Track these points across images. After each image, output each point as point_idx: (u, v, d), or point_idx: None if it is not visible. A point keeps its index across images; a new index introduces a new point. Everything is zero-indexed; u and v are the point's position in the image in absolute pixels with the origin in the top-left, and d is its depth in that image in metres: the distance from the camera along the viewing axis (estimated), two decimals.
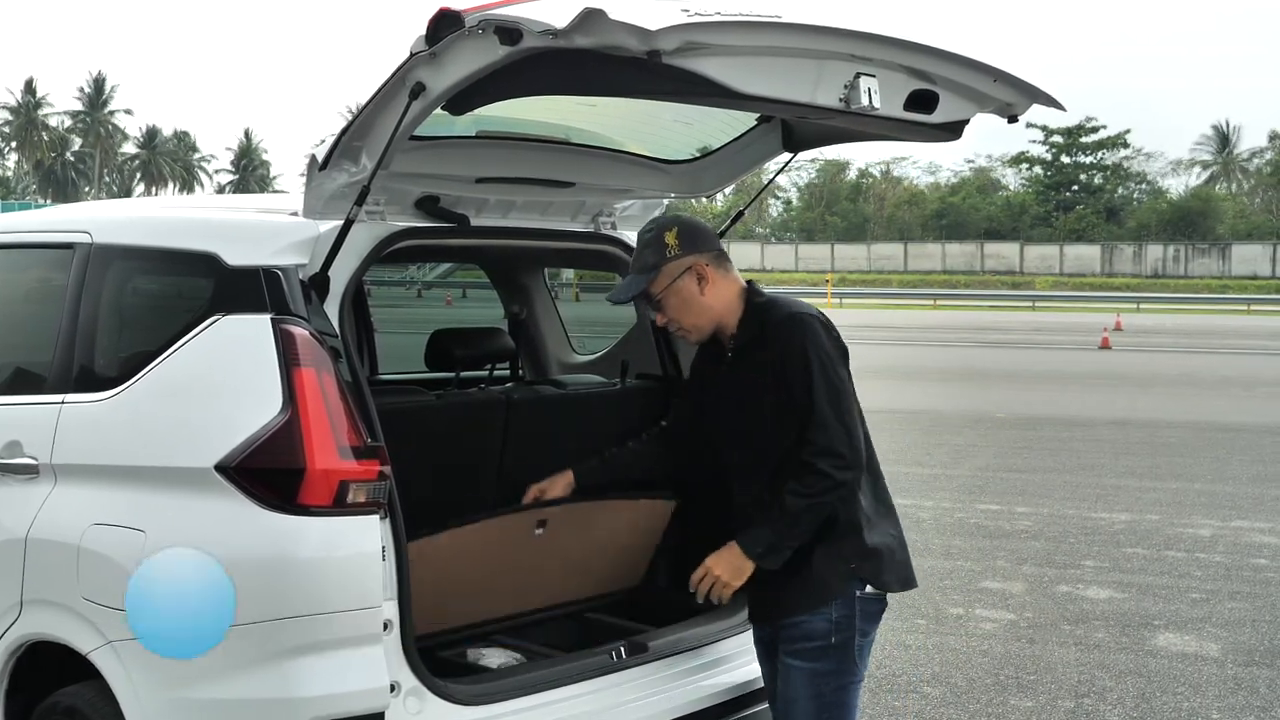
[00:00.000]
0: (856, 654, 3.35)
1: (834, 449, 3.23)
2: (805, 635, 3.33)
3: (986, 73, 3.31)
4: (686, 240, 3.38)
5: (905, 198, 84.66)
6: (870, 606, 3.36)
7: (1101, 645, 6.55)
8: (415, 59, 2.92)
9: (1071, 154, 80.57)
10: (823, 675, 3.33)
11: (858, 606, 3.32)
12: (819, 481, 3.23)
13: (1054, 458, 12.69)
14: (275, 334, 3.12)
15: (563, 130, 3.83)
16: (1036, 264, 69.29)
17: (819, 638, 3.32)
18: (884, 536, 3.38)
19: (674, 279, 3.38)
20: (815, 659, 3.33)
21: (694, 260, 3.38)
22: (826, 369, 3.27)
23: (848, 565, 3.31)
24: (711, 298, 3.39)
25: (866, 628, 3.36)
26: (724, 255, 3.45)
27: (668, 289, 3.39)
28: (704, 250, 3.39)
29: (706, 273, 3.38)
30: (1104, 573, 8.06)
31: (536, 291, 5.11)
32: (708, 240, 3.42)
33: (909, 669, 6.16)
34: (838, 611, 3.31)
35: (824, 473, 3.22)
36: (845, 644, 3.32)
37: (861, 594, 3.32)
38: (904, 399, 17.32)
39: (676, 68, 2.72)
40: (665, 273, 3.38)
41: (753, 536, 3.33)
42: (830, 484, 3.23)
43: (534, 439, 4.00)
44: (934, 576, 7.91)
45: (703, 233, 3.43)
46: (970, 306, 51.44)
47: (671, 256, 3.37)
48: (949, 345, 29.43)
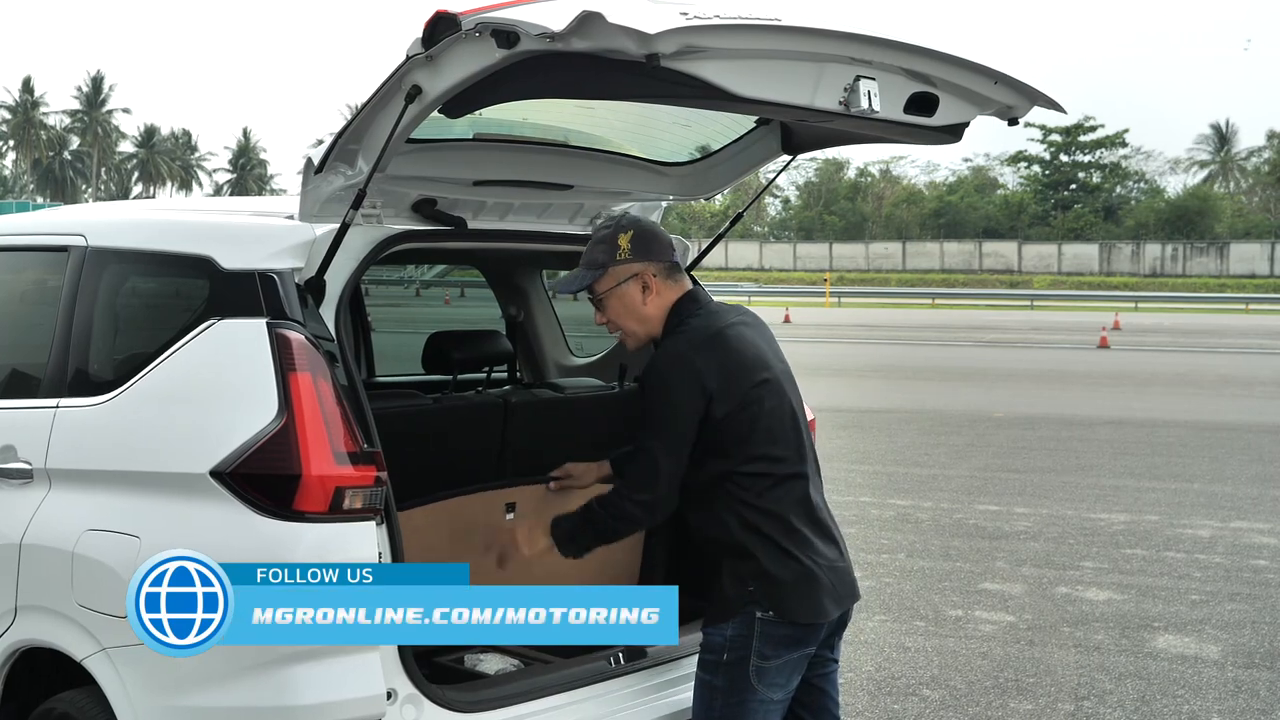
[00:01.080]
0: (753, 675, 3.20)
1: (641, 484, 3.20)
2: (706, 647, 3.29)
3: (987, 75, 3.30)
4: (639, 247, 3.32)
5: (903, 197, 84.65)
6: (775, 631, 3.19)
7: (1101, 647, 6.54)
8: (412, 62, 2.90)
9: (1070, 153, 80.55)
10: (713, 689, 3.25)
11: (757, 628, 3.20)
12: (616, 505, 3.24)
13: (1052, 458, 12.68)
14: (271, 338, 3.11)
15: (561, 132, 3.81)
16: (1035, 263, 69.29)
17: (714, 651, 3.26)
18: (790, 563, 3.21)
19: (619, 282, 3.32)
20: (708, 672, 3.27)
21: (642, 268, 3.31)
22: (665, 410, 3.18)
23: (745, 588, 3.21)
24: (652, 308, 3.33)
25: (768, 651, 3.20)
26: (676, 267, 3.38)
27: (611, 291, 3.33)
28: (655, 259, 3.33)
29: (653, 283, 3.32)
30: (1103, 574, 8.05)
31: (534, 294, 5.09)
32: (661, 250, 3.35)
33: (908, 671, 6.14)
34: (733, 629, 3.22)
35: (622, 499, 3.23)
36: (737, 663, 3.21)
37: (764, 617, 3.20)
38: (902, 398, 17.32)
39: (675, 71, 2.70)
40: (611, 274, 3.32)
41: (562, 518, 3.36)
42: (621, 513, 3.24)
43: (532, 443, 3.98)
44: (933, 578, 7.89)
45: (658, 241, 3.36)
46: (968, 305, 51.44)
47: (620, 260, 3.31)
48: (947, 344, 29.41)
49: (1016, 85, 3.37)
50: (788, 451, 3.27)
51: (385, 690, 3.06)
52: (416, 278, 18.36)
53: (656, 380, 3.23)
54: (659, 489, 3.19)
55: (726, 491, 3.21)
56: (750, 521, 3.20)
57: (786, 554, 3.21)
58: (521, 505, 3.85)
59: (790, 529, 3.23)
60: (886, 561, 8.29)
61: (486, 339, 4.39)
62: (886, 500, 10.33)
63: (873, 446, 12.83)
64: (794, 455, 3.28)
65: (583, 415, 4.20)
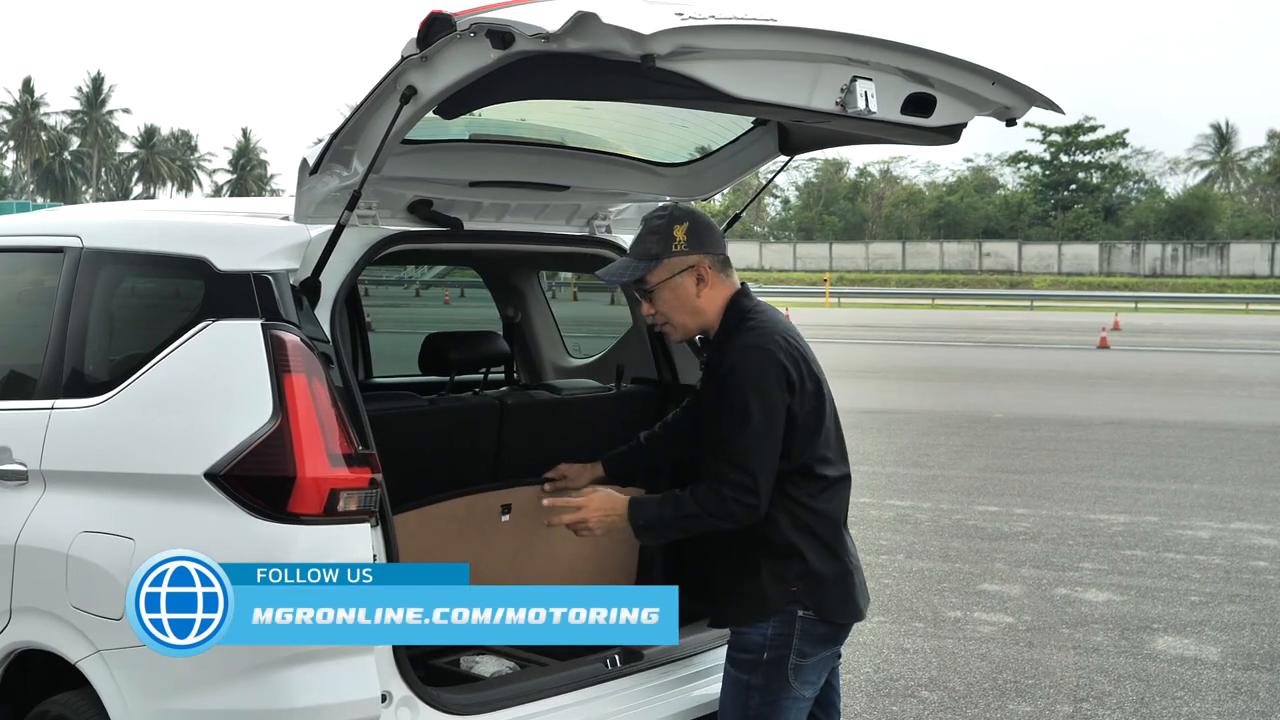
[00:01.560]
0: (791, 674, 3.25)
1: (742, 484, 3.17)
2: (742, 646, 3.30)
3: (984, 76, 3.29)
4: (695, 238, 3.30)
5: (903, 197, 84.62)
6: (815, 629, 3.26)
7: (1100, 649, 6.52)
8: (407, 62, 2.89)
9: (1070, 153, 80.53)
10: (751, 689, 3.27)
11: (798, 627, 3.24)
12: (719, 505, 3.18)
13: (1052, 458, 12.67)
14: (266, 340, 3.10)
15: (557, 133, 3.80)
16: (1035, 263, 69.26)
17: (752, 650, 3.27)
18: (834, 563, 3.30)
19: (673, 274, 3.30)
20: (745, 671, 3.28)
21: (698, 260, 3.30)
22: (761, 412, 3.17)
23: (789, 588, 3.24)
24: (705, 301, 3.33)
25: (806, 649, 3.26)
26: (728, 261, 3.39)
27: (664, 283, 3.31)
28: (710, 251, 3.33)
29: (708, 275, 3.32)
30: (1103, 575, 8.04)
31: (531, 295, 5.08)
32: (715, 241, 3.35)
33: (906, 673, 6.13)
34: (774, 628, 3.24)
35: (724, 500, 3.18)
36: (777, 662, 3.24)
37: (805, 615, 3.24)
38: (902, 399, 17.31)
39: (670, 71, 2.69)
40: (666, 266, 3.30)
41: (643, 506, 3.30)
42: (726, 513, 3.18)
43: (529, 444, 3.96)
44: (932, 579, 7.88)
45: (712, 233, 3.36)
46: (968, 306, 51.41)
47: (676, 251, 3.29)
48: (947, 345, 29.40)
49: (1014, 86, 3.36)
50: (838, 454, 3.35)
51: (380, 693, 3.05)
52: (417, 278, 18.36)
53: (749, 376, 3.19)
54: (764, 488, 3.17)
55: (782, 490, 3.22)
56: (802, 521, 3.24)
57: (832, 555, 3.28)
58: (517, 507, 3.84)
59: (837, 530, 3.31)
60: (885, 563, 8.28)
61: (483, 340, 4.38)
62: (886, 501, 10.32)
63: (872, 447, 12.81)
64: (842, 458, 3.36)
65: (580, 417, 4.19)
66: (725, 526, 3.22)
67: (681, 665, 3.69)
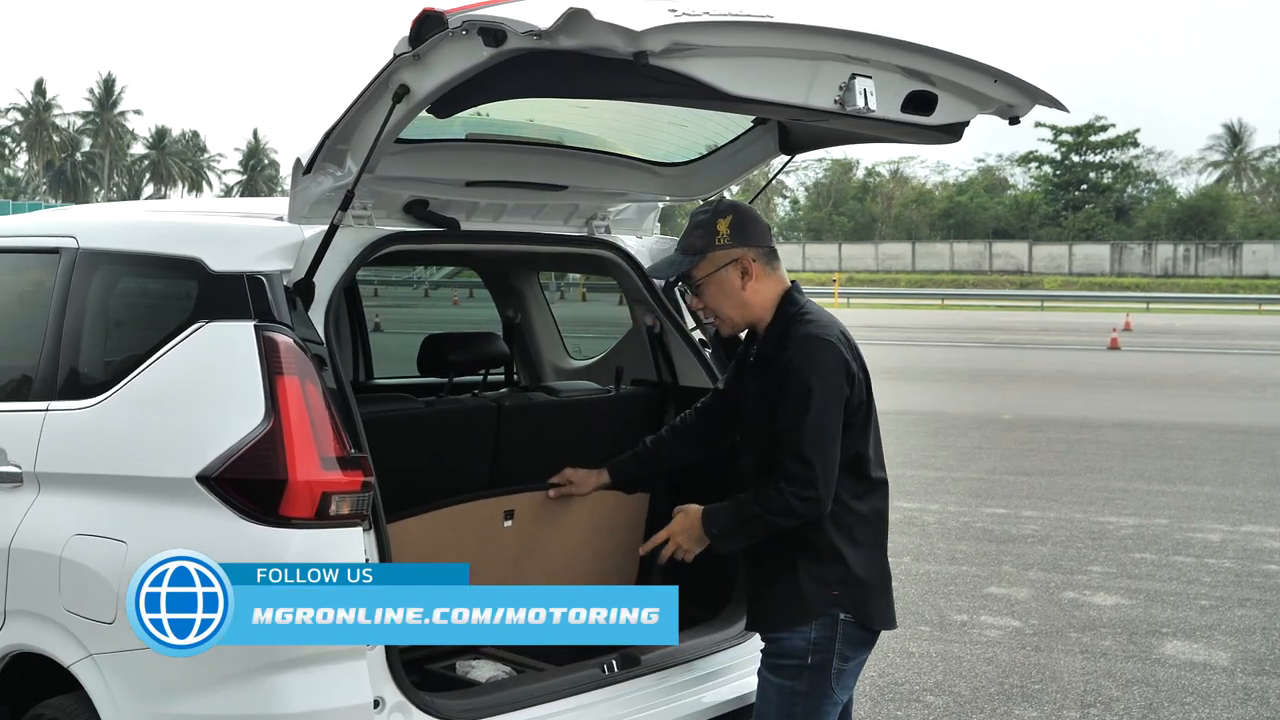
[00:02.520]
0: (833, 678, 3.25)
1: (805, 477, 3.13)
2: (783, 652, 3.26)
3: (986, 73, 3.24)
4: (738, 231, 3.29)
5: (913, 197, 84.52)
6: (855, 633, 3.26)
7: (1108, 653, 6.46)
8: (399, 61, 2.86)
9: (1080, 153, 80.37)
10: (795, 694, 3.24)
11: (840, 630, 3.23)
12: (778, 501, 3.14)
13: (1061, 460, 12.59)
14: (258, 341, 3.06)
15: (555, 133, 3.76)
16: (1045, 263, 69.11)
17: (796, 656, 3.24)
18: (874, 568, 3.30)
19: (718, 268, 3.28)
20: (789, 677, 3.25)
21: (742, 253, 3.28)
22: (821, 402, 3.14)
23: (830, 591, 3.22)
24: (751, 294, 3.30)
25: (848, 653, 3.26)
26: (774, 253, 3.35)
27: (709, 276, 3.30)
28: (754, 244, 3.30)
29: (752, 268, 3.29)
30: (1111, 578, 7.97)
31: (531, 296, 5.04)
32: (760, 235, 3.32)
33: (911, 677, 6.08)
34: (817, 632, 3.22)
35: (785, 496, 3.14)
36: (821, 666, 3.23)
37: (846, 619, 3.23)
38: (911, 400, 17.24)
39: (665, 69, 2.65)
40: (710, 259, 3.29)
41: (714, 514, 3.29)
42: (786, 509, 3.14)
43: (526, 447, 3.92)
44: (938, 582, 7.83)
45: (757, 226, 3.33)
46: (978, 306, 51.29)
47: (720, 245, 3.28)
48: (956, 345, 29.33)
49: (1017, 83, 3.31)
50: (880, 457, 3.33)
51: (373, 698, 3.01)
52: (425, 279, 18.35)
53: (811, 367, 3.15)
54: (826, 482, 3.13)
55: None
56: (845, 523, 3.22)
57: (873, 559, 3.27)
58: (520, 512, 3.80)
59: (878, 533, 3.30)
60: (892, 565, 8.12)
61: (482, 341, 4.34)
62: (893, 503, 9.91)
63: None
64: (882, 462, 3.35)
65: (578, 419, 4.14)
66: (789, 523, 3.16)
67: (681, 670, 3.65)
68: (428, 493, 3.68)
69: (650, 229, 4.32)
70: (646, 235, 4.31)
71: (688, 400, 4.09)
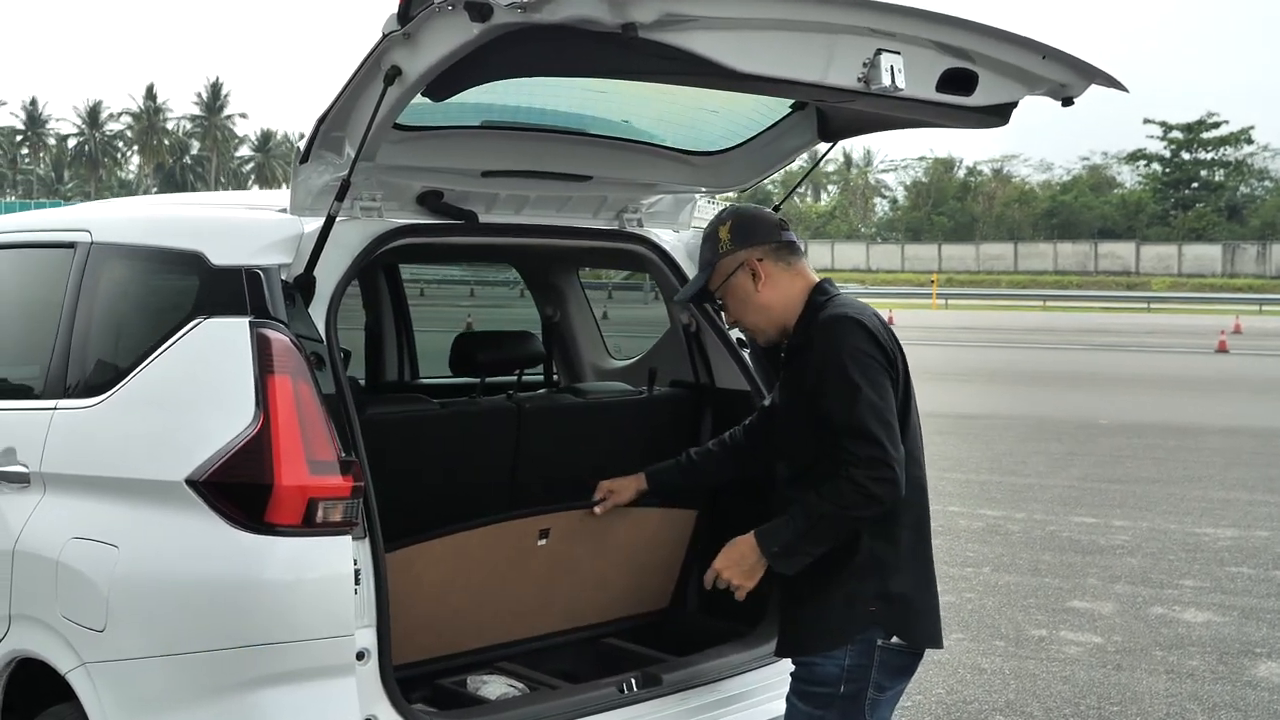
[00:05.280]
0: (867, 709, 3.00)
1: (875, 458, 2.85)
2: (814, 678, 3.01)
3: (1032, 49, 2.96)
4: (738, 234, 3.12)
5: (1015, 196, 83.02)
6: (893, 659, 3.00)
7: (1196, 674, 6.08)
8: (389, 40, 2.70)
9: (1191, 150, 78.29)
10: None
11: (877, 657, 2.97)
12: (852, 491, 2.85)
13: (1158, 468, 12.08)
14: (252, 338, 2.92)
15: (576, 119, 3.53)
16: (1153, 264, 67.39)
17: (828, 683, 2.98)
18: (916, 583, 3.03)
19: (727, 276, 3.13)
20: (820, 705, 3.00)
21: (746, 255, 3.10)
22: (865, 375, 2.90)
23: (866, 608, 2.96)
24: (768, 295, 3.09)
25: (884, 682, 3.00)
26: (790, 248, 3.13)
27: (723, 286, 3.15)
28: (759, 243, 3.10)
29: (759, 268, 3.09)
30: (1204, 594, 7.55)
31: (570, 293, 4.85)
32: (765, 232, 3.12)
33: (981, 695, 5.77)
34: (851, 659, 2.96)
35: (858, 483, 2.85)
36: (855, 695, 2.98)
37: (884, 644, 2.97)
38: (1003, 403, 16.76)
39: (658, 43, 2.43)
40: (719, 270, 3.14)
41: (771, 532, 3.00)
42: (863, 496, 2.85)
43: (549, 451, 3.73)
44: (1017, 594, 7.48)
45: (760, 224, 3.14)
46: (1082, 308, 50.09)
47: (724, 252, 3.13)
48: (1056, 348, 28.58)
49: (1069, 60, 3.02)
50: (919, 453, 3.09)
51: (363, 718, 2.85)
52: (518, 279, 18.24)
53: (840, 346, 2.93)
54: (899, 460, 2.88)
55: None
56: (882, 528, 2.97)
57: (915, 569, 3.03)
58: (556, 531, 3.61)
59: (920, 540, 3.05)
60: (970, 575, 7.90)
61: (515, 340, 4.15)
62: (976, 510, 9.90)
63: (967, 453, 12.35)
64: (920, 458, 3.09)
65: (605, 422, 3.93)
66: (867, 514, 2.88)
67: (706, 691, 3.42)
68: (440, 497, 3.51)
69: (687, 222, 4.09)
70: (683, 229, 4.09)
71: (724, 403, 3.87)
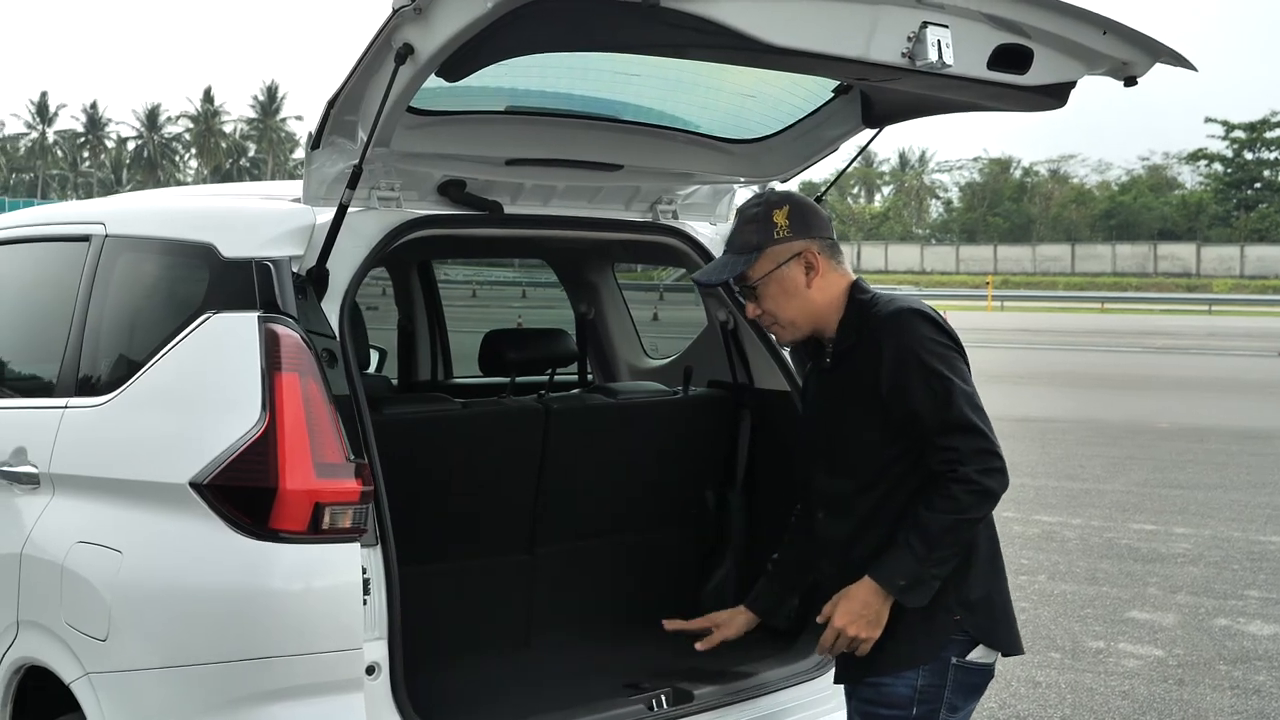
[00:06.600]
0: None
1: (982, 449, 2.66)
2: (883, 700, 2.79)
3: (1092, 23, 2.75)
4: (798, 221, 2.85)
5: (1072, 197, 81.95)
6: (968, 677, 2.79)
7: (1263, 690, 5.82)
8: (399, 15, 2.55)
9: (1254, 149, 76.91)
10: None
11: (951, 675, 2.76)
12: (966, 493, 2.65)
13: (1220, 473, 11.74)
14: (260, 333, 2.77)
15: (605, 105, 3.35)
16: (1215, 266, 66.26)
17: (899, 706, 2.77)
18: (996, 587, 2.85)
19: (778, 264, 2.85)
20: None
21: (805, 245, 2.85)
22: (948, 365, 2.73)
23: (949, 615, 2.75)
24: (817, 291, 2.86)
25: (957, 702, 2.79)
26: (836, 246, 2.93)
27: (769, 275, 2.86)
28: (817, 235, 2.88)
29: (817, 262, 2.85)
30: (1270, 605, 7.26)
31: (605, 289, 4.67)
32: (821, 224, 2.90)
33: (1035, 710, 5.54)
34: (925, 679, 2.75)
35: (971, 481, 2.65)
36: (926, 717, 2.77)
37: (960, 661, 2.76)
38: (1060, 407, 16.43)
39: (681, 12, 2.25)
40: (769, 256, 2.85)
41: (889, 566, 2.73)
42: (979, 493, 2.65)
43: (577, 454, 3.56)
44: (1074, 604, 7.23)
45: (817, 215, 2.91)
46: (1141, 310, 49.28)
47: (780, 238, 2.84)
48: (1114, 350, 28.08)
49: (1133, 36, 2.81)
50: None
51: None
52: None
53: (918, 341, 2.74)
54: (998, 443, 2.70)
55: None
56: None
57: (993, 571, 2.85)
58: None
59: (992, 541, 2.88)
60: (1025, 584, 7.64)
61: (546, 338, 3.99)
62: (1032, 516, 9.63)
63: (1023, 457, 12.06)
64: None
65: (636, 423, 3.75)
66: (986, 514, 2.74)
67: (742, 708, 3.24)
68: (463, 502, 3.35)
69: (725, 214, 3.90)
70: (720, 221, 3.90)
71: (763, 404, 3.69)
